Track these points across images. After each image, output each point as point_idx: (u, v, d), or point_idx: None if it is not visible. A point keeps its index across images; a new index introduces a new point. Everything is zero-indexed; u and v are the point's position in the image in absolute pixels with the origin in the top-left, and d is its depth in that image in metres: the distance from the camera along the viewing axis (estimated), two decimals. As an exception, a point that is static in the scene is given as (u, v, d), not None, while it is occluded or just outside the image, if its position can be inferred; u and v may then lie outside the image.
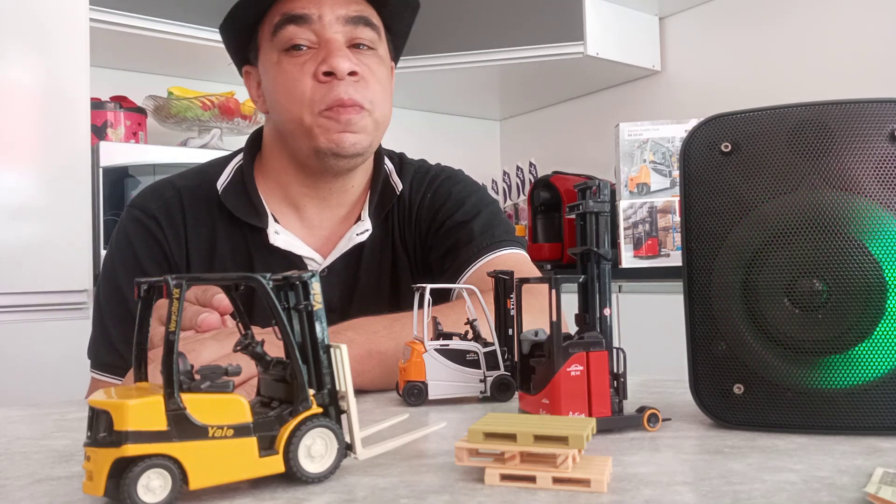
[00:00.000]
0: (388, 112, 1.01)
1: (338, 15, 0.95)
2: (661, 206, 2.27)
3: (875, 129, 0.53)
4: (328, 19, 0.94)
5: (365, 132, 0.96)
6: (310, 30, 0.94)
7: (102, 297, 1.00)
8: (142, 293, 0.42)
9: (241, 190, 1.02)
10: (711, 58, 2.82)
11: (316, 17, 0.94)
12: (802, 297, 0.54)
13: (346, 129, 0.94)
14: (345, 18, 0.95)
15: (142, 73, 2.72)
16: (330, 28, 0.94)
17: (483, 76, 2.96)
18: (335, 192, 1.03)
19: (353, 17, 0.96)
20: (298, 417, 0.42)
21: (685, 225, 0.58)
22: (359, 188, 1.06)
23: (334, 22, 0.95)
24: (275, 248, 0.99)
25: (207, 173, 1.05)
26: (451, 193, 1.07)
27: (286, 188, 1.03)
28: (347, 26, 0.95)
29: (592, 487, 0.40)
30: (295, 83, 0.94)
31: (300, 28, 0.94)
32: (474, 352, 0.70)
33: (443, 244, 1.03)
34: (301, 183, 1.02)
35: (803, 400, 0.53)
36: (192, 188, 1.03)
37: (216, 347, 0.66)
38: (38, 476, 0.47)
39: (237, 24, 0.99)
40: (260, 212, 1.01)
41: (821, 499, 0.38)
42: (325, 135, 0.94)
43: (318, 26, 0.94)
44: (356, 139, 0.95)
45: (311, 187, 1.02)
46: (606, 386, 0.54)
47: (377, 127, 0.98)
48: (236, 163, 1.06)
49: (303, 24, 0.94)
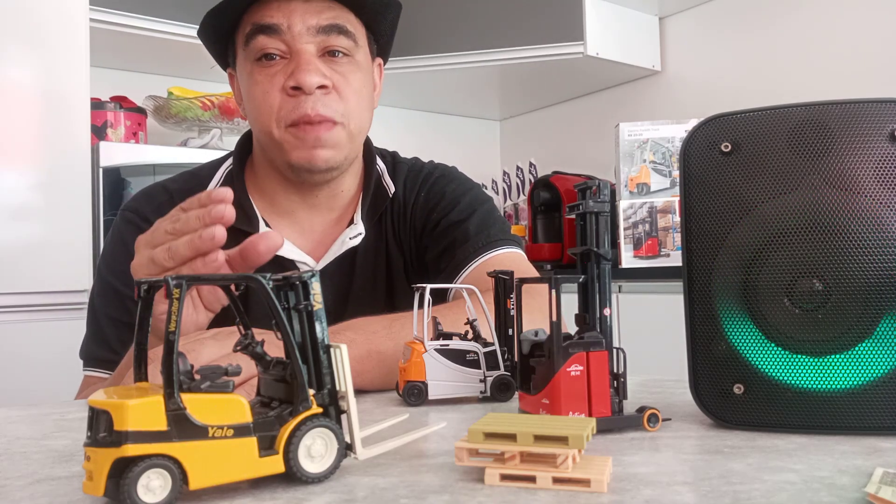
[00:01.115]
0: (366, 120, 0.99)
1: (308, 25, 0.92)
2: (661, 206, 2.27)
3: (875, 129, 0.53)
4: (298, 30, 0.92)
5: (337, 147, 0.95)
6: (280, 40, 0.92)
7: (96, 297, 1.00)
8: (142, 293, 0.42)
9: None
10: (711, 58, 2.82)
11: (286, 28, 0.92)
12: (802, 297, 0.54)
13: (316, 145, 0.93)
14: (316, 28, 0.92)
15: (142, 73, 2.72)
16: (300, 39, 0.92)
17: (483, 76, 2.96)
18: (323, 198, 1.03)
19: (326, 27, 0.93)
20: (298, 417, 0.42)
21: (685, 225, 0.58)
22: (349, 192, 1.05)
23: (304, 33, 0.92)
24: None
25: (199, 177, 1.05)
26: (445, 192, 1.06)
27: (273, 195, 1.03)
28: (319, 36, 0.93)
29: (592, 487, 0.40)
30: (265, 95, 0.93)
31: (270, 38, 0.92)
32: (474, 352, 0.70)
33: (438, 244, 1.03)
34: (287, 190, 1.02)
35: (803, 400, 0.53)
36: (185, 192, 1.03)
37: (216, 347, 0.67)
38: (38, 476, 0.47)
39: (212, 32, 0.98)
40: (250, 216, 1.00)
41: (821, 499, 0.38)
42: (295, 151, 0.93)
43: (288, 37, 0.92)
44: (328, 155, 0.94)
45: (299, 194, 1.02)
46: (606, 386, 0.54)
47: (352, 138, 0.97)
48: (227, 167, 1.06)
49: (273, 35, 0.92)
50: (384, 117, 3.24)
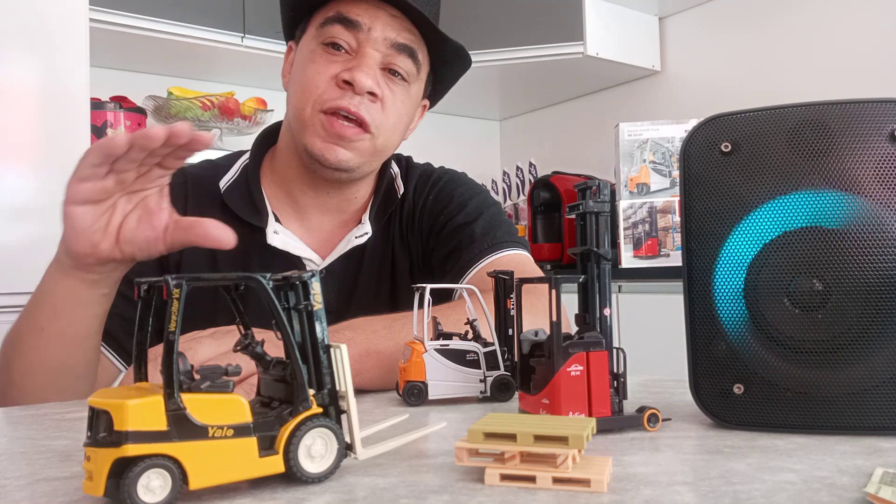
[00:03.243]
0: (394, 143, 1.01)
1: (386, 35, 0.94)
2: (661, 206, 2.27)
3: (875, 129, 0.53)
4: (375, 35, 0.94)
5: (358, 151, 0.95)
6: (354, 36, 0.94)
7: None
8: (142, 293, 0.42)
9: (243, 188, 1.03)
10: (711, 58, 2.82)
11: (366, 28, 0.93)
12: (802, 297, 0.54)
13: (338, 142, 0.93)
14: (391, 41, 0.94)
15: (142, 73, 2.72)
16: (373, 43, 0.94)
17: (483, 76, 2.96)
18: (335, 201, 1.04)
19: (400, 45, 0.95)
20: (298, 417, 0.42)
21: (685, 225, 0.58)
22: (361, 199, 1.06)
23: (380, 40, 0.94)
24: (273, 248, 0.99)
25: (217, 166, 1.07)
26: (453, 196, 1.07)
27: (290, 184, 1.03)
28: (391, 49, 0.95)
29: (592, 487, 0.40)
30: (315, 76, 0.94)
31: (347, 31, 0.94)
32: (474, 352, 0.70)
33: (445, 246, 1.04)
34: (303, 185, 1.02)
35: (803, 400, 0.53)
36: (200, 179, 1.05)
37: (213, 346, 0.67)
38: (38, 476, 0.47)
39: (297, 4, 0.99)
40: (261, 210, 1.01)
41: (821, 499, 0.38)
42: (317, 137, 0.94)
43: (363, 36, 0.94)
44: (346, 156, 0.94)
45: (313, 190, 1.02)
46: (606, 386, 0.54)
47: (375, 153, 0.98)
48: (243, 161, 1.07)
49: (350, 29, 0.94)
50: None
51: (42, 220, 1.92)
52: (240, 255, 1.00)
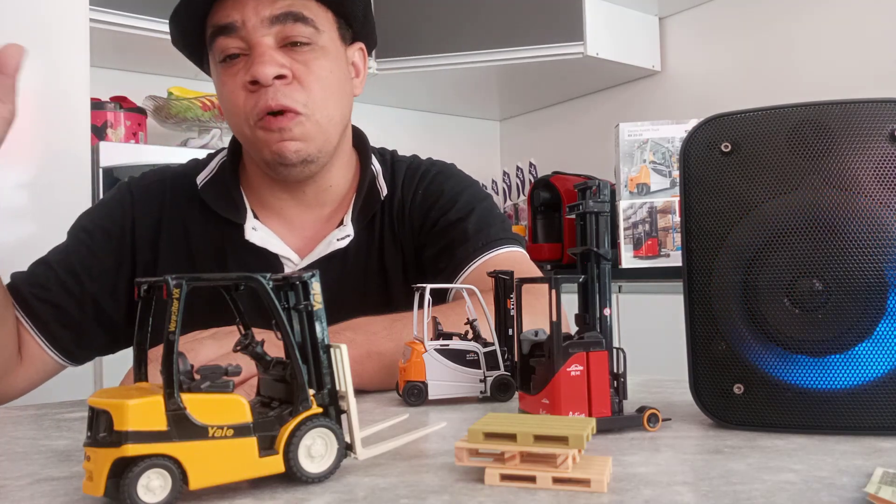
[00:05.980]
0: (336, 109, 0.96)
1: (262, 17, 0.89)
2: (661, 206, 2.27)
3: (875, 129, 0.53)
4: (252, 23, 0.89)
5: (306, 138, 0.92)
6: (238, 38, 0.91)
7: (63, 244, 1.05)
8: (142, 293, 0.42)
9: (221, 185, 1.02)
10: (711, 58, 2.82)
11: (240, 24, 0.90)
12: (802, 297, 0.54)
13: (283, 137, 0.91)
14: (270, 19, 0.90)
15: (142, 73, 2.72)
16: (255, 32, 0.90)
17: (483, 76, 2.96)
18: (311, 194, 1.01)
19: (280, 15, 0.90)
20: (298, 417, 0.42)
21: (685, 225, 0.58)
22: (339, 187, 1.03)
23: (259, 25, 0.89)
24: (251, 245, 0.98)
25: (197, 164, 1.07)
26: (443, 189, 1.04)
27: (261, 192, 1.02)
28: (276, 26, 0.90)
29: (592, 487, 0.40)
30: (231, 95, 0.92)
31: (229, 38, 0.91)
32: (474, 352, 0.70)
33: (436, 243, 1.01)
34: (274, 188, 1.01)
35: (803, 400, 0.53)
36: (178, 176, 1.05)
37: (214, 346, 0.67)
38: (38, 476, 0.47)
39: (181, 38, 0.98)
40: (239, 206, 1.00)
41: (821, 499, 0.38)
42: (266, 147, 0.92)
43: (244, 32, 0.90)
44: (298, 146, 0.92)
45: (286, 191, 1.01)
46: (606, 386, 0.54)
47: (322, 129, 0.93)
48: (221, 157, 1.06)
49: (230, 34, 0.91)
50: (384, 117, 3.24)
51: (42, 221, 1.92)
52: (216, 250, 1.00)
